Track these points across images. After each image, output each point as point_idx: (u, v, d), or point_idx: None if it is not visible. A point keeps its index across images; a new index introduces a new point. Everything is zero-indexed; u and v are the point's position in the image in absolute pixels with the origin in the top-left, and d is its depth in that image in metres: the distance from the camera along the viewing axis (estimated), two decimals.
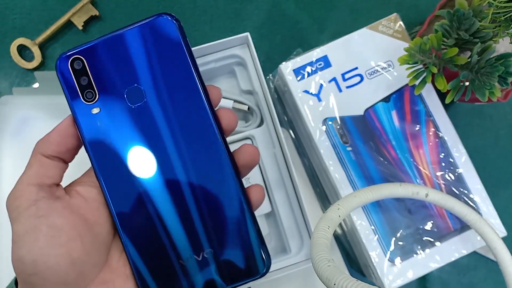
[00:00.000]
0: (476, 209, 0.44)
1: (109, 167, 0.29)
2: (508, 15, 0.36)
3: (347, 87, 0.45)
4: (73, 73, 0.28)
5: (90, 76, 0.28)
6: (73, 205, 0.27)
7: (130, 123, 0.29)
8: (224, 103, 0.46)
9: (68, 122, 0.29)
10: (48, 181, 0.27)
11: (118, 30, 0.29)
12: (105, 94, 0.29)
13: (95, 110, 0.28)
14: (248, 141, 0.46)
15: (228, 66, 0.46)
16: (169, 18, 0.29)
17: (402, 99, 0.45)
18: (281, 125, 0.50)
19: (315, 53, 0.45)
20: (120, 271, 0.29)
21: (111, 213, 0.29)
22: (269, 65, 0.53)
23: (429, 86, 0.45)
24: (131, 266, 0.29)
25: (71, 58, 0.29)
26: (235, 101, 0.46)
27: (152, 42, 0.28)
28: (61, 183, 0.29)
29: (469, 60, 0.38)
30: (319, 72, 0.45)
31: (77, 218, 0.27)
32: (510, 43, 0.39)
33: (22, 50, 0.52)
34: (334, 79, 0.45)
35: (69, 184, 0.29)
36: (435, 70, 0.39)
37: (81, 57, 0.28)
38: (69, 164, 0.30)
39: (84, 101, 0.28)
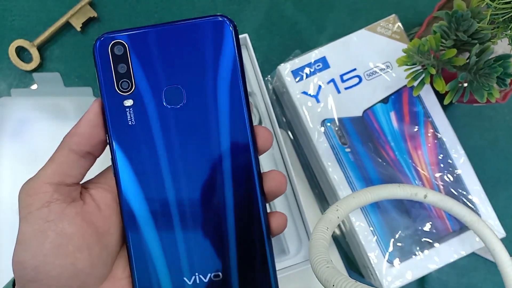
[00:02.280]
0: (474, 210, 0.44)
1: (131, 169, 0.27)
2: (507, 16, 0.36)
3: (346, 88, 0.45)
4: (112, 57, 0.26)
5: (130, 65, 0.26)
6: (85, 212, 0.26)
7: (162, 124, 0.27)
8: None
9: (97, 110, 0.26)
10: (68, 180, 0.26)
11: (169, 22, 0.26)
12: (142, 87, 0.26)
13: (128, 102, 0.26)
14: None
15: None
16: (227, 22, 0.26)
17: (400, 100, 0.45)
18: (280, 126, 0.50)
19: (314, 54, 0.45)
20: (123, 283, 0.27)
21: (122, 221, 0.27)
22: (268, 66, 0.53)
23: (427, 87, 0.45)
24: (132, 280, 0.27)
25: (113, 42, 0.26)
26: None
27: (204, 44, 0.26)
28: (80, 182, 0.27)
29: (467, 61, 0.38)
30: (318, 73, 0.45)
31: (88, 227, 0.25)
32: (508, 44, 0.39)
33: (21, 52, 0.52)
34: (332, 80, 0.45)
35: (84, 184, 0.28)
36: (433, 71, 0.39)
37: (124, 43, 0.26)
38: None
39: (118, 90, 0.26)
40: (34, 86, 0.52)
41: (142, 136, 0.26)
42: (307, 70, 0.45)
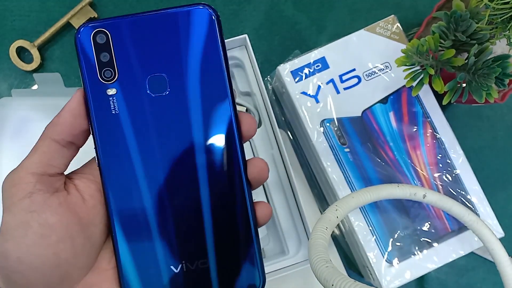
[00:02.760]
0: (473, 210, 0.44)
1: (115, 159, 0.26)
2: (505, 16, 0.36)
3: (345, 88, 0.45)
4: (94, 46, 0.26)
5: (113, 53, 0.26)
6: (69, 203, 0.25)
7: (146, 113, 0.26)
8: None
9: (79, 99, 0.26)
10: (51, 170, 0.25)
11: (151, 11, 0.27)
12: (125, 76, 0.26)
13: (111, 91, 0.26)
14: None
15: None
16: (209, 11, 0.26)
17: (399, 100, 0.45)
18: (279, 126, 0.51)
19: (313, 55, 0.45)
20: (108, 274, 0.27)
21: (107, 212, 0.27)
22: (267, 66, 0.53)
23: (426, 87, 0.45)
24: (118, 270, 0.27)
25: (95, 30, 0.26)
26: None
27: (187, 32, 0.26)
28: (64, 172, 0.27)
29: (466, 61, 0.38)
30: (317, 74, 0.45)
31: (71, 217, 0.25)
32: (507, 44, 0.39)
33: (21, 52, 0.52)
34: (331, 80, 0.45)
35: (69, 174, 0.27)
36: (432, 71, 0.39)
37: (106, 31, 0.26)
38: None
39: (100, 79, 0.26)
40: (35, 87, 0.52)
41: (126, 125, 0.26)
42: (306, 70, 0.45)
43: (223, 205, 0.27)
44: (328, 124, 0.44)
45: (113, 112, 0.26)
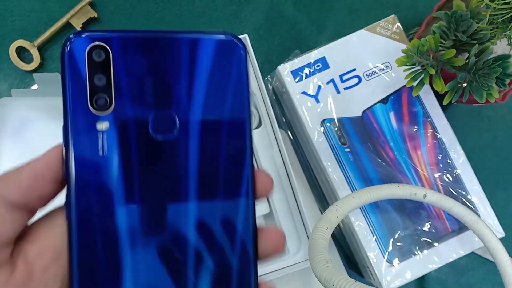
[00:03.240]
0: (474, 210, 0.44)
1: (93, 220, 0.20)
2: (506, 16, 0.36)
3: (345, 88, 0.45)
4: (88, 63, 0.20)
5: (111, 76, 0.20)
6: (12, 283, 0.19)
7: (143, 160, 0.21)
8: None
9: (50, 160, 0.20)
10: None
11: (165, 31, 0.21)
12: (124, 107, 0.20)
13: (102, 125, 0.20)
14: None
15: None
16: (239, 44, 0.21)
17: (400, 100, 0.45)
18: (279, 126, 0.51)
19: (313, 55, 0.45)
20: None
21: None
22: (267, 66, 0.53)
23: (427, 87, 0.45)
24: None
25: (93, 44, 0.20)
26: None
27: (208, 65, 0.21)
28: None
29: (466, 61, 0.38)
30: (317, 74, 0.45)
31: None
32: (507, 44, 0.39)
33: (21, 52, 0.52)
34: (332, 80, 0.45)
35: (20, 234, 0.21)
36: (432, 71, 0.39)
37: (107, 47, 0.20)
38: None
39: (91, 107, 0.20)
40: (35, 87, 0.52)
41: (114, 173, 0.20)
42: (306, 70, 0.45)
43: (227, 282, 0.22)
44: (328, 124, 0.44)
45: (100, 153, 0.20)
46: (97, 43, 0.20)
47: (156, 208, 0.21)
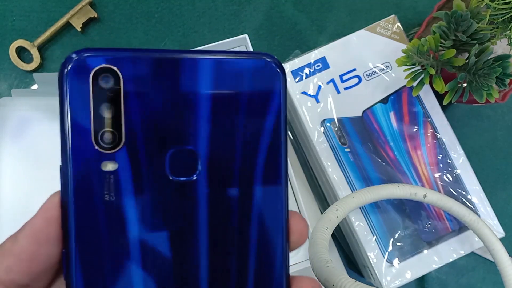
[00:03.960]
0: (474, 210, 0.44)
1: (98, 280, 0.17)
2: (506, 16, 0.36)
3: (345, 88, 0.45)
4: (93, 91, 0.16)
5: (122, 107, 0.17)
6: None
7: (160, 205, 0.17)
8: None
9: (49, 214, 0.16)
10: None
11: (191, 51, 0.18)
12: (136, 144, 0.17)
13: (109, 166, 0.17)
14: None
15: None
16: (274, 66, 0.18)
17: (400, 100, 0.45)
18: None
19: (313, 55, 0.45)
20: None
21: None
22: None
23: (427, 87, 0.45)
24: None
25: (100, 67, 0.16)
26: None
27: (239, 93, 0.18)
28: None
29: (466, 61, 0.38)
30: (317, 74, 0.45)
31: None
32: (507, 44, 0.39)
33: (21, 52, 0.52)
34: (332, 80, 0.45)
35: None
36: (432, 71, 0.39)
37: (117, 70, 0.17)
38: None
39: (95, 144, 0.17)
40: (35, 86, 0.52)
41: (124, 222, 0.17)
42: (306, 70, 0.45)
43: None
44: (328, 124, 0.44)
45: (106, 199, 0.17)
46: (104, 65, 0.16)
47: (180, 250, 0.18)
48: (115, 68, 0.16)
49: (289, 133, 0.52)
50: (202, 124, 0.17)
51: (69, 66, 0.16)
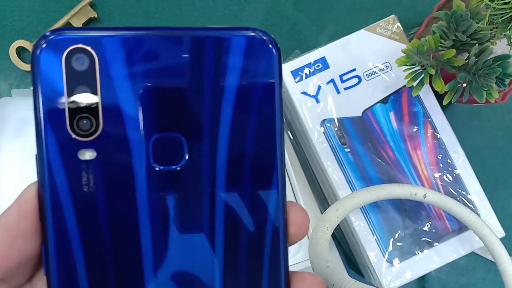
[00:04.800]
0: (474, 210, 0.44)
1: (78, 272, 0.16)
2: (506, 16, 0.36)
3: (345, 88, 0.45)
4: (66, 74, 0.15)
5: (99, 90, 0.15)
6: None
7: (143, 197, 0.16)
8: None
9: (25, 205, 0.15)
10: None
11: (170, 28, 0.16)
12: (115, 131, 0.16)
13: (87, 155, 0.15)
14: None
15: None
16: (265, 39, 0.16)
17: (400, 100, 0.45)
18: None
19: (313, 55, 0.45)
20: None
21: None
22: None
23: (426, 87, 0.45)
24: None
25: (72, 47, 0.15)
26: None
27: (227, 72, 0.16)
28: None
29: (466, 61, 0.38)
30: (317, 74, 0.45)
31: None
32: (507, 44, 0.39)
33: (21, 52, 0.52)
34: (332, 80, 0.45)
35: None
36: (432, 71, 0.39)
37: (91, 51, 0.15)
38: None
39: (71, 132, 0.15)
40: None
41: (105, 216, 0.16)
42: (306, 70, 0.45)
43: None
44: (328, 124, 0.44)
45: (86, 189, 0.15)
46: (78, 45, 0.15)
47: (165, 246, 0.16)
48: (89, 48, 0.15)
49: (289, 133, 0.52)
50: (188, 108, 0.16)
51: (41, 47, 0.15)
